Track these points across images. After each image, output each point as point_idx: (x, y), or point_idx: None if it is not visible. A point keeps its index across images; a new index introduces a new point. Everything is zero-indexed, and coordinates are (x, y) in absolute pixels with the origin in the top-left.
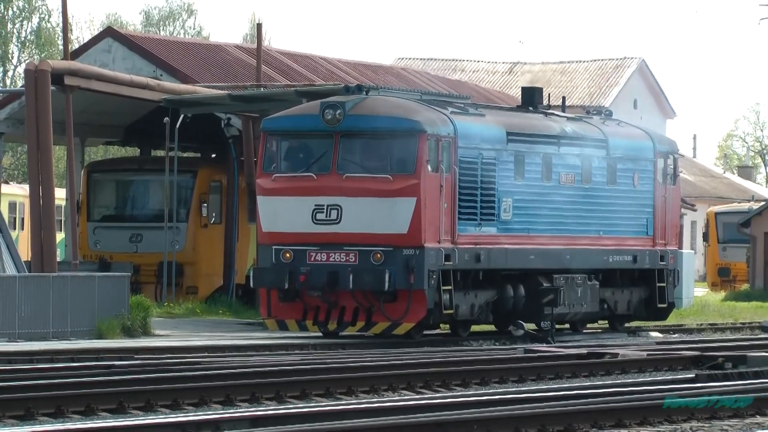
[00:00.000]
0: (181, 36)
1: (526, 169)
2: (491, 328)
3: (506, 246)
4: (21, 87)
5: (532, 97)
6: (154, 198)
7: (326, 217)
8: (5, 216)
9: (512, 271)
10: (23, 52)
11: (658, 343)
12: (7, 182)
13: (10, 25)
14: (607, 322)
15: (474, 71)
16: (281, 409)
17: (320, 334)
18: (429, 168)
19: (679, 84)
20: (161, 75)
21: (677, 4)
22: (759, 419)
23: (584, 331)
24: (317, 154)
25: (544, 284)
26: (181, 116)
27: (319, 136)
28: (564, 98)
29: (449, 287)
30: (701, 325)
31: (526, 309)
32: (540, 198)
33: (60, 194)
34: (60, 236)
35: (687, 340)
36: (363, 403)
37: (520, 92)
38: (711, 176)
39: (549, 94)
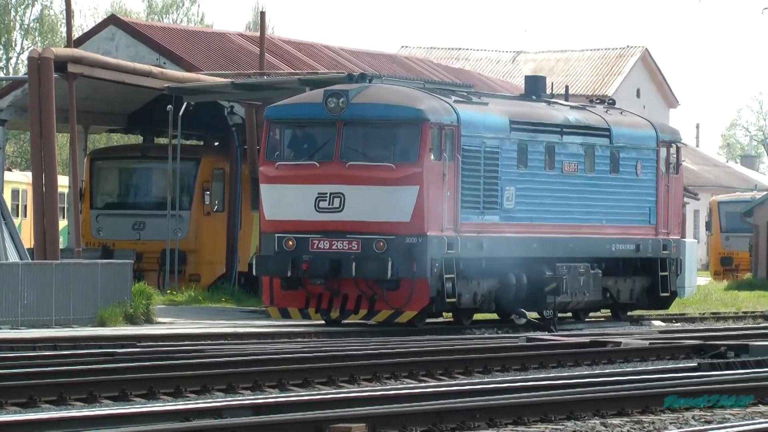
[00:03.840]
0: (184, 24)
1: (529, 158)
2: (494, 316)
3: (509, 234)
4: (24, 74)
5: (535, 86)
6: (156, 186)
7: (329, 205)
8: (8, 203)
9: (515, 260)
10: (26, 39)
11: (660, 332)
12: (10, 169)
13: (13, 12)
14: (609, 310)
15: (477, 60)
16: (283, 397)
17: (323, 322)
18: (432, 156)
19: (682, 73)
20: (164, 63)
21: None
22: (761, 408)
23: (587, 319)
24: (320, 143)
25: (547, 273)
26: (184, 104)
27: (322, 124)
28: (567, 87)
29: (452, 275)
30: (704, 314)
31: (528, 297)
32: (543, 187)
33: (63, 182)
34: (63, 224)
35: (689, 329)
36: (365, 390)
37: (524, 81)
38: (714, 165)
39: (552, 83)
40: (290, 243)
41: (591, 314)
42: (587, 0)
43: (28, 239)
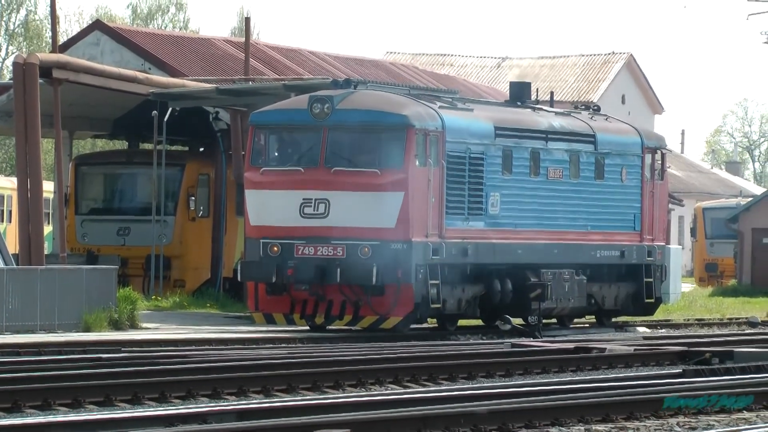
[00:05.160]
0: (170, 29)
1: (513, 164)
2: (478, 322)
3: (494, 240)
4: (9, 80)
5: (520, 92)
6: (141, 191)
7: (314, 210)
8: None
9: (500, 266)
10: (11, 44)
11: (645, 338)
12: None
13: None
14: (594, 317)
15: (462, 66)
16: (268, 403)
17: (307, 327)
18: (417, 162)
19: (667, 79)
20: (149, 68)
21: None
22: (746, 414)
23: (571, 325)
24: (305, 148)
25: (532, 279)
26: (170, 110)
27: (307, 129)
28: (552, 93)
29: (437, 281)
30: (688, 320)
31: (513, 303)
32: (528, 193)
33: (48, 187)
34: (48, 229)
35: (674, 335)
36: (350, 396)
37: (509, 87)
38: (699, 172)
39: (537, 89)
40: (275, 249)
41: (576, 320)
42: (572, 6)
43: (13, 244)
